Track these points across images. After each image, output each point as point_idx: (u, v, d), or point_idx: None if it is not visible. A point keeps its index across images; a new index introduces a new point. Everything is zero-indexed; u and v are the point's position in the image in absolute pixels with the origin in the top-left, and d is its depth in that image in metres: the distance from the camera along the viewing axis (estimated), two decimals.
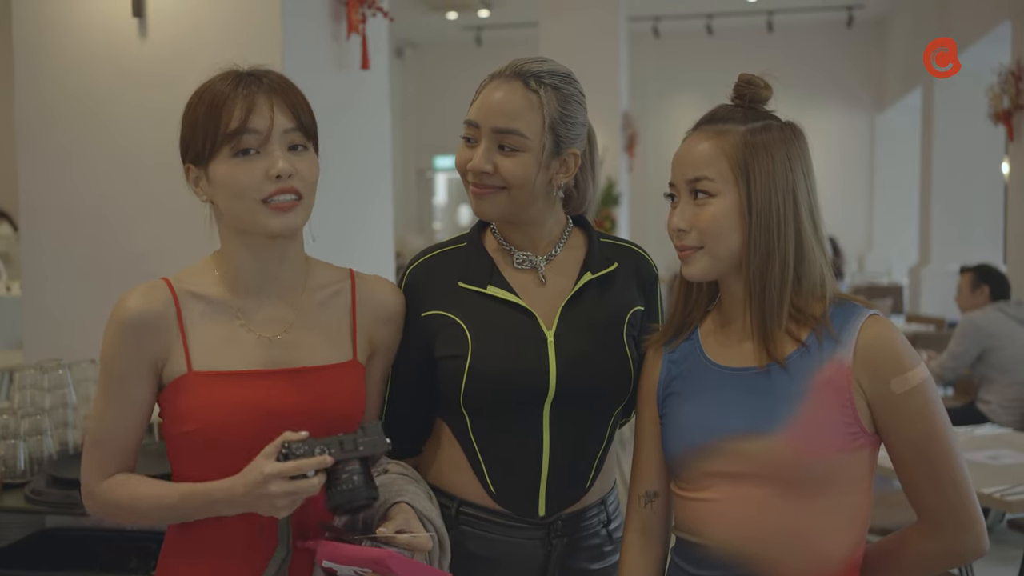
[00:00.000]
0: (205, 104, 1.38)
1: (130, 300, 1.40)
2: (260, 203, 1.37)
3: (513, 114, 1.54)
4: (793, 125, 1.43)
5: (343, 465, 1.31)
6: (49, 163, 2.95)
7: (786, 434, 1.34)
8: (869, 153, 12.41)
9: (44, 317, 2.97)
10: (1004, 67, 6.27)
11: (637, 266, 1.68)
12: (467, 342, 1.55)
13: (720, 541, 1.39)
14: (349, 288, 1.54)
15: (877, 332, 1.37)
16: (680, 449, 1.44)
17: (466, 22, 11.85)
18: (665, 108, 12.25)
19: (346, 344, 1.50)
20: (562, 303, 1.58)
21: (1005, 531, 4.52)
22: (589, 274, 1.60)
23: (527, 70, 1.56)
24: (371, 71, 3.17)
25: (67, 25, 2.90)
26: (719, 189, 1.38)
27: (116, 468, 1.43)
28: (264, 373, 1.41)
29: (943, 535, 1.38)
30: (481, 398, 1.55)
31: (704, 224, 1.39)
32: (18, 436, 2.42)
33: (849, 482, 1.37)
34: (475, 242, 1.64)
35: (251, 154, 1.36)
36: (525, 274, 1.61)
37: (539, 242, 1.63)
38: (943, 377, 5.16)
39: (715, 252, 1.40)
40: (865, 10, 11.61)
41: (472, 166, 1.55)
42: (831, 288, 1.41)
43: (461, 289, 1.59)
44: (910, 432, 1.35)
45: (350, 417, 1.46)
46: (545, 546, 1.59)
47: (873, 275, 11.61)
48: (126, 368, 1.40)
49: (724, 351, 1.45)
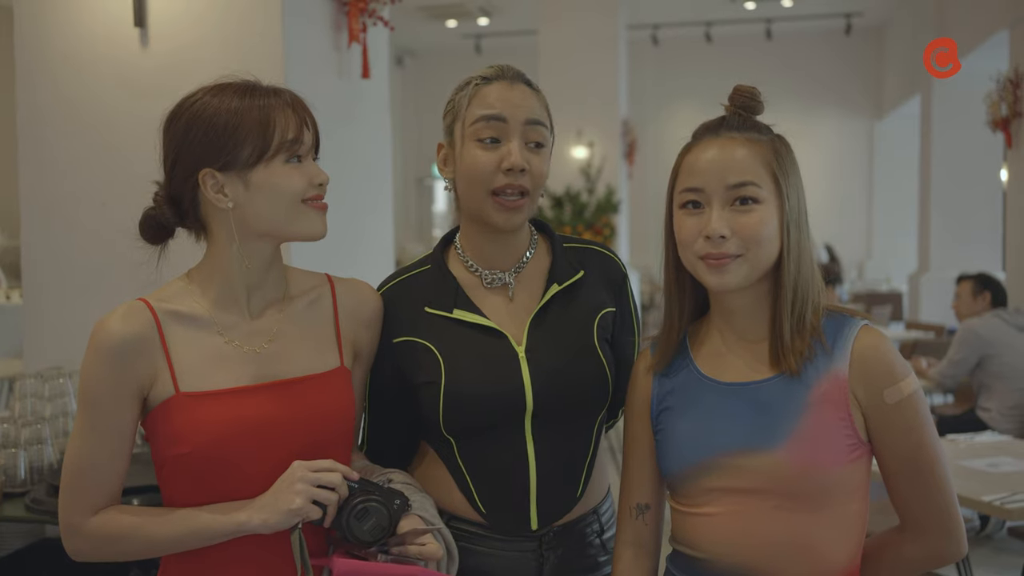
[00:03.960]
0: (245, 112, 1.37)
1: (111, 324, 1.36)
2: (304, 206, 1.41)
3: (533, 108, 1.54)
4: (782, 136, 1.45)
5: (367, 497, 1.35)
6: (50, 171, 2.96)
7: (787, 449, 1.34)
8: (868, 160, 12.44)
9: (45, 326, 2.98)
10: (1002, 75, 6.29)
11: (605, 268, 1.65)
12: (440, 367, 1.52)
13: (721, 555, 1.39)
14: (329, 293, 1.53)
15: (871, 343, 1.37)
16: (679, 466, 1.42)
17: (466, 30, 11.87)
18: (664, 116, 12.28)
19: (332, 351, 1.49)
20: (529, 318, 1.57)
21: (1005, 539, 4.51)
22: (556, 286, 1.58)
23: (518, 73, 1.58)
24: (371, 80, 3.18)
25: (69, 35, 2.91)
26: (765, 196, 1.36)
27: (104, 501, 1.37)
28: (253, 389, 1.39)
29: (926, 541, 1.39)
30: (461, 421, 1.53)
31: (750, 231, 1.34)
32: (18, 445, 2.42)
33: (847, 492, 1.37)
34: (439, 264, 1.60)
35: (296, 162, 1.41)
36: (494, 292, 1.59)
37: (513, 253, 1.60)
38: (943, 384, 5.16)
39: (755, 260, 1.36)
40: (863, 18, 11.64)
41: (515, 162, 1.49)
42: (823, 298, 1.42)
43: (429, 314, 1.56)
44: (900, 441, 1.36)
45: (343, 425, 1.46)
46: (537, 558, 1.57)
47: (872, 282, 11.62)
48: (110, 395, 1.35)
49: (718, 365, 1.43)
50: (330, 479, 1.33)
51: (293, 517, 1.31)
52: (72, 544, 1.38)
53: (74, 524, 1.37)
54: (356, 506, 1.34)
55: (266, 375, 1.41)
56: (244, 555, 1.38)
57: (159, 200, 1.44)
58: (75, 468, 1.37)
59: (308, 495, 1.31)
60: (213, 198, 1.38)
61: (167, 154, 1.41)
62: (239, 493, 1.36)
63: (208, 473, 1.36)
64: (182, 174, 1.40)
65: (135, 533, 1.36)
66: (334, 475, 1.33)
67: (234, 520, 1.33)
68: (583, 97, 8.86)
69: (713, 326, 1.46)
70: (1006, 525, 4.43)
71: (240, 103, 1.38)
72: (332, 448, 1.43)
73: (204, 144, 1.37)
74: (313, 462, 1.34)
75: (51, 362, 2.83)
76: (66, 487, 1.38)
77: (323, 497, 1.32)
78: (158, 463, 1.41)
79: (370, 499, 1.34)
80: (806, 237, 1.39)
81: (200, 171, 1.38)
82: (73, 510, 1.37)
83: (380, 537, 1.34)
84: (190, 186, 1.40)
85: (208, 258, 1.45)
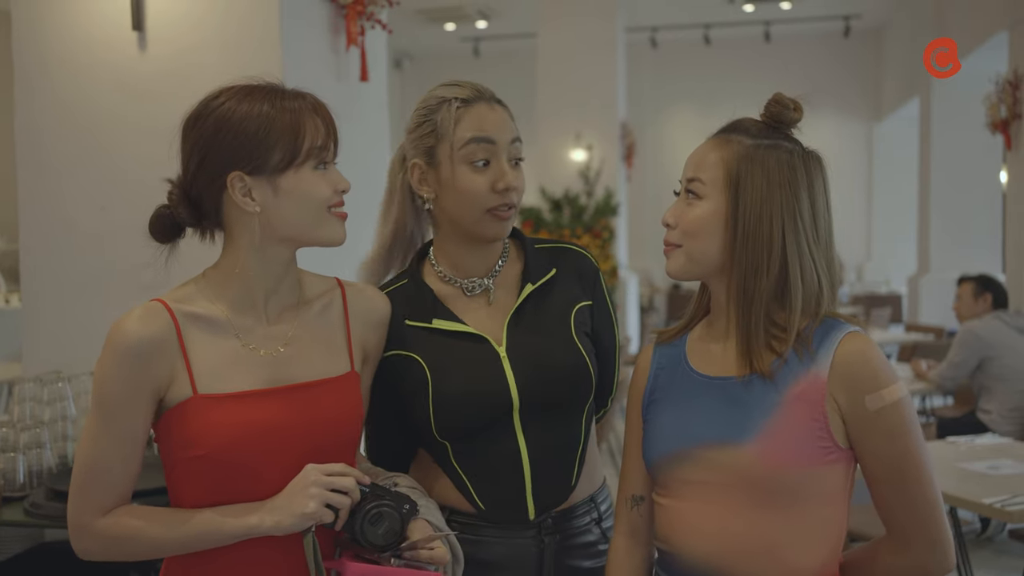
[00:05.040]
0: (276, 116, 1.38)
1: (129, 325, 1.36)
2: (328, 211, 1.44)
3: (512, 126, 1.62)
4: (812, 152, 1.44)
5: (380, 502, 1.36)
6: (48, 176, 2.95)
7: (756, 445, 1.34)
8: (867, 163, 12.45)
9: (44, 330, 2.97)
10: (1001, 76, 6.30)
11: (576, 264, 1.71)
12: (426, 376, 1.58)
13: (690, 549, 1.40)
14: (340, 297, 1.54)
15: (854, 348, 1.36)
16: (657, 455, 1.45)
17: (464, 33, 11.89)
18: (663, 118, 12.28)
19: (343, 355, 1.51)
20: (506, 319, 1.62)
21: (1006, 541, 4.51)
22: (530, 285, 1.64)
23: (492, 93, 1.64)
24: (370, 83, 3.18)
25: (67, 38, 2.91)
26: (707, 193, 1.40)
27: (114, 502, 1.37)
28: (268, 392, 1.40)
29: (911, 551, 1.37)
30: (453, 425, 1.58)
31: (685, 223, 1.42)
32: (17, 449, 2.42)
33: (821, 496, 1.36)
34: (415, 277, 1.66)
35: (323, 168, 1.43)
36: (472, 299, 1.65)
37: (490, 260, 1.66)
38: (943, 386, 5.17)
39: (690, 253, 1.42)
40: (862, 20, 11.66)
41: (514, 183, 1.58)
42: (826, 308, 1.40)
43: (410, 327, 1.61)
44: (883, 450, 1.35)
45: (352, 428, 1.47)
46: (538, 544, 1.61)
47: (872, 284, 11.64)
48: (125, 396, 1.35)
49: (706, 359, 1.46)
50: (343, 483, 1.33)
51: (307, 520, 1.32)
52: (81, 544, 1.39)
53: (83, 524, 1.37)
54: (370, 511, 1.35)
55: (281, 379, 1.42)
56: (253, 557, 1.38)
57: (174, 199, 1.43)
58: (86, 469, 1.37)
59: (322, 499, 1.32)
60: (241, 201, 1.38)
61: (191, 155, 1.40)
62: (249, 495, 1.36)
63: (220, 475, 1.36)
64: (208, 176, 1.38)
65: (144, 534, 1.36)
66: (347, 480, 1.34)
67: (246, 523, 1.33)
68: (582, 100, 8.88)
69: (708, 320, 1.50)
70: (1007, 528, 4.43)
71: (270, 107, 1.38)
72: (341, 451, 1.44)
73: (234, 147, 1.36)
74: (326, 466, 1.35)
75: (50, 366, 2.83)
76: (76, 487, 1.37)
77: (336, 501, 1.32)
78: (168, 465, 1.40)
79: (383, 504, 1.36)
80: (775, 244, 1.37)
81: (229, 174, 1.37)
82: (83, 510, 1.37)
83: (392, 541, 1.36)
84: (216, 188, 1.39)
85: (226, 260, 1.44)
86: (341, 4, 2.98)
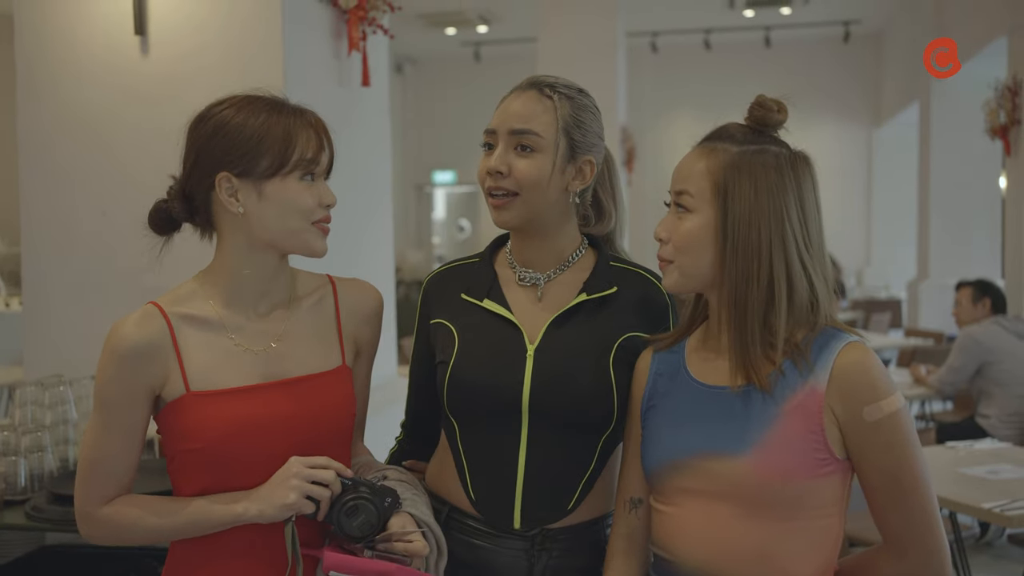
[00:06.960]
0: (271, 126, 1.43)
1: (125, 329, 1.44)
2: (311, 224, 1.47)
3: (527, 116, 1.58)
4: (799, 154, 1.42)
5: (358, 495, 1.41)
6: (50, 179, 2.96)
7: (752, 457, 1.34)
8: (867, 168, 12.45)
9: (45, 333, 2.98)
10: (1000, 82, 6.31)
11: (645, 293, 1.65)
12: (454, 350, 1.61)
13: (686, 557, 1.40)
14: (331, 293, 1.60)
15: (853, 359, 1.36)
16: (655, 463, 1.45)
17: (465, 38, 11.89)
18: (663, 123, 12.29)
19: (334, 350, 1.56)
20: (549, 320, 1.60)
21: (1005, 546, 4.52)
22: (584, 295, 1.61)
23: (541, 80, 1.63)
24: (371, 87, 3.19)
25: (69, 42, 2.92)
26: (696, 206, 1.40)
27: (115, 491, 1.47)
28: (260, 387, 1.47)
29: (908, 560, 1.37)
30: (459, 404, 1.61)
31: (677, 238, 1.41)
32: (18, 453, 2.42)
33: (817, 507, 1.36)
34: (486, 258, 1.71)
35: (310, 180, 1.47)
36: (526, 290, 1.65)
37: (548, 257, 1.65)
38: (942, 391, 5.17)
39: (683, 268, 1.42)
40: (862, 25, 11.66)
41: (489, 166, 1.59)
42: (824, 316, 1.39)
43: (462, 300, 1.65)
44: (881, 460, 1.34)
45: (344, 422, 1.53)
46: (529, 558, 1.60)
47: (872, 289, 11.63)
48: (122, 395, 1.44)
49: (705, 368, 1.46)
50: (324, 476, 1.40)
51: (287, 511, 1.39)
52: (86, 529, 1.49)
53: (87, 512, 1.47)
54: (347, 503, 1.41)
55: (273, 374, 1.49)
56: (243, 543, 1.45)
57: (172, 193, 1.51)
58: (89, 461, 1.46)
59: (302, 491, 1.38)
60: (226, 201, 1.45)
61: (188, 152, 1.48)
62: (243, 484, 1.43)
63: (216, 466, 1.44)
64: (200, 173, 1.46)
65: (141, 522, 1.45)
66: (328, 472, 1.40)
67: (232, 511, 1.41)
68: None
69: (706, 329, 1.49)
70: (1006, 532, 4.43)
71: (267, 117, 1.45)
72: (332, 444, 1.50)
73: (226, 149, 1.44)
74: (309, 459, 1.41)
75: (51, 370, 2.83)
76: (81, 478, 1.47)
77: (316, 493, 1.39)
78: (169, 455, 1.49)
79: (360, 497, 1.41)
80: (766, 253, 1.36)
81: (218, 173, 1.44)
82: (87, 499, 1.46)
83: (368, 533, 1.41)
84: (206, 186, 1.46)
85: (217, 261, 1.52)
86: (343, 9, 2.99)
